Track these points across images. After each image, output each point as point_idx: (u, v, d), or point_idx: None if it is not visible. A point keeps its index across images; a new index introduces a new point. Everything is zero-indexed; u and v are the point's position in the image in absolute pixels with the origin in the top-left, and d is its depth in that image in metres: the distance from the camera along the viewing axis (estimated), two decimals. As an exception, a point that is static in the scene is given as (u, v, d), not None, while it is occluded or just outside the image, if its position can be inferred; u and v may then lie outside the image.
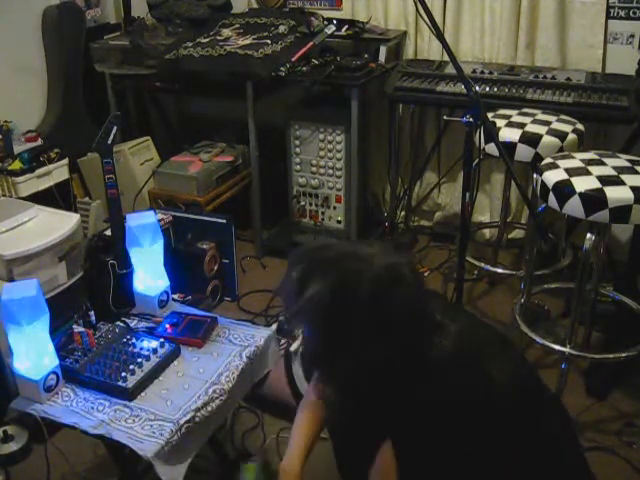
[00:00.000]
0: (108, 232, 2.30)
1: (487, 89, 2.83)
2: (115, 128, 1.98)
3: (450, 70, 2.95)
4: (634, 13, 2.86)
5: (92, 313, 1.88)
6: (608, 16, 2.89)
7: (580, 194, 1.96)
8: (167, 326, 1.87)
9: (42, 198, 2.81)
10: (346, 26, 3.16)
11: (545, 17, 2.96)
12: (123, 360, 1.72)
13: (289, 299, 1.27)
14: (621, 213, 1.92)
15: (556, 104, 2.68)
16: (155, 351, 1.75)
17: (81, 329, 1.83)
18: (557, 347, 2.25)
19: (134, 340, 1.80)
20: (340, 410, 1.40)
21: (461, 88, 2.76)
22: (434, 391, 1.26)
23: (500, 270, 2.95)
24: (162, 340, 1.79)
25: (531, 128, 2.42)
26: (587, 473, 1.42)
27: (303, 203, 3.31)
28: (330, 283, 1.21)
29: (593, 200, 1.95)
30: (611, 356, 2.33)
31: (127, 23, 3.60)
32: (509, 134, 2.40)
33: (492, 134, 2.09)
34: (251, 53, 3.00)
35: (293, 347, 2.27)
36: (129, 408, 1.60)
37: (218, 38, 3.21)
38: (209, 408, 1.63)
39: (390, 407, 1.30)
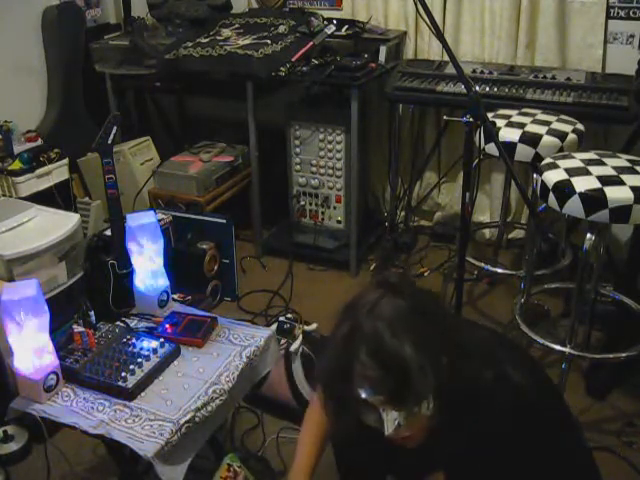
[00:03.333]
0: (108, 232, 2.30)
1: (487, 89, 2.83)
2: (115, 128, 1.98)
3: (450, 70, 2.95)
4: (634, 13, 2.86)
5: (92, 313, 1.88)
6: (608, 16, 2.89)
7: (580, 194, 1.96)
8: (167, 326, 1.87)
9: (42, 198, 2.82)
10: (346, 26, 3.16)
11: (545, 17, 2.96)
12: (123, 360, 1.72)
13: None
14: (621, 213, 1.92)
15: (556, 104, 2.68)
16: (155, 351, 1.75)
17: (81, 329, 1.83)
18: (557, 347, 2.25)
19: (134, 340, 1.80)
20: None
21: (461, 88, 2.76)
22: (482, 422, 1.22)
23: (500, 270, 2.95)
24: (162, 340, 1.79)
25: (531, 128, 2.42)
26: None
27: (303, 203, 3.31)
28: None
29: (593, 200, 1.95)
30: (611, 356, 2.33)
31: (127, 23, 3.60)
32: (509, 134, 2.40)
33: (492, 134, 2.09)
34: (251, 53, 3.00)
35: (293, 347, 2.27)
36: (129, 408, 1.60)
37: (218, 38, 3.21)
38: (209, 408, 1.63)
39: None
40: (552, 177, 2.07)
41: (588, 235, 2.08)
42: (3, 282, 2.18)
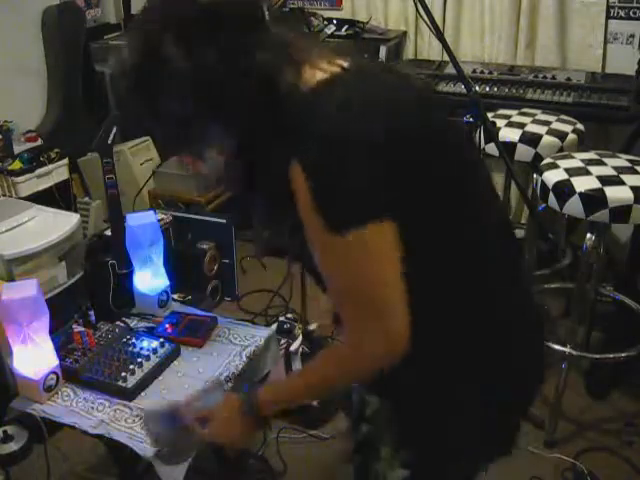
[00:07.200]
0: (108, 232, 2.30)
1: (487, 89, 2.83)
2: (115, 128, 1.98)
3: (450, 70, 2.95)
4: (634, 13, 2.86)
5: (92, 313, 1.87)
6: (608, 16, 2.89)
7: (580, 194, 1.97)
8: (167, 326, 1.87)
9: (42, 198, 2.81)
10: (346, 26, 3.16)
11: (545, 17, 2.96)
12: (123, 360, 1.71)
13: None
14: (621, 213, 1.92)
15: (556, 104, 2.68)
16: (155, 351, 1.75)
17: (81, 329, 1.83)
18: (557, 347, 2.25)
19: (134, 340, 1.79)
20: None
21: (461, 88, 2.76)
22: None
23: (500, 270, 2.94)
24: (162, 340, 1.78)
25: (531, 128, 2.42)
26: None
27: (303, 203, 3.30)
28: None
29: (593, 200, 1.95)
30: (611, 356, 2.33)
31: (127, 23, 3.60)
32: (509, 134, 2.40)
33: (492, 134, 2.08)
34: (251, 53, 3.00)
35: (293, 347, 2.27)
36: (129, 408, 1.60)
37: (218, 38, 3.21)
38: (209, 408, 1.63)
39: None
40: (552, 177, 2.07)
41: (588, 235, 2.08)
42: (3, 282, 2.18)
